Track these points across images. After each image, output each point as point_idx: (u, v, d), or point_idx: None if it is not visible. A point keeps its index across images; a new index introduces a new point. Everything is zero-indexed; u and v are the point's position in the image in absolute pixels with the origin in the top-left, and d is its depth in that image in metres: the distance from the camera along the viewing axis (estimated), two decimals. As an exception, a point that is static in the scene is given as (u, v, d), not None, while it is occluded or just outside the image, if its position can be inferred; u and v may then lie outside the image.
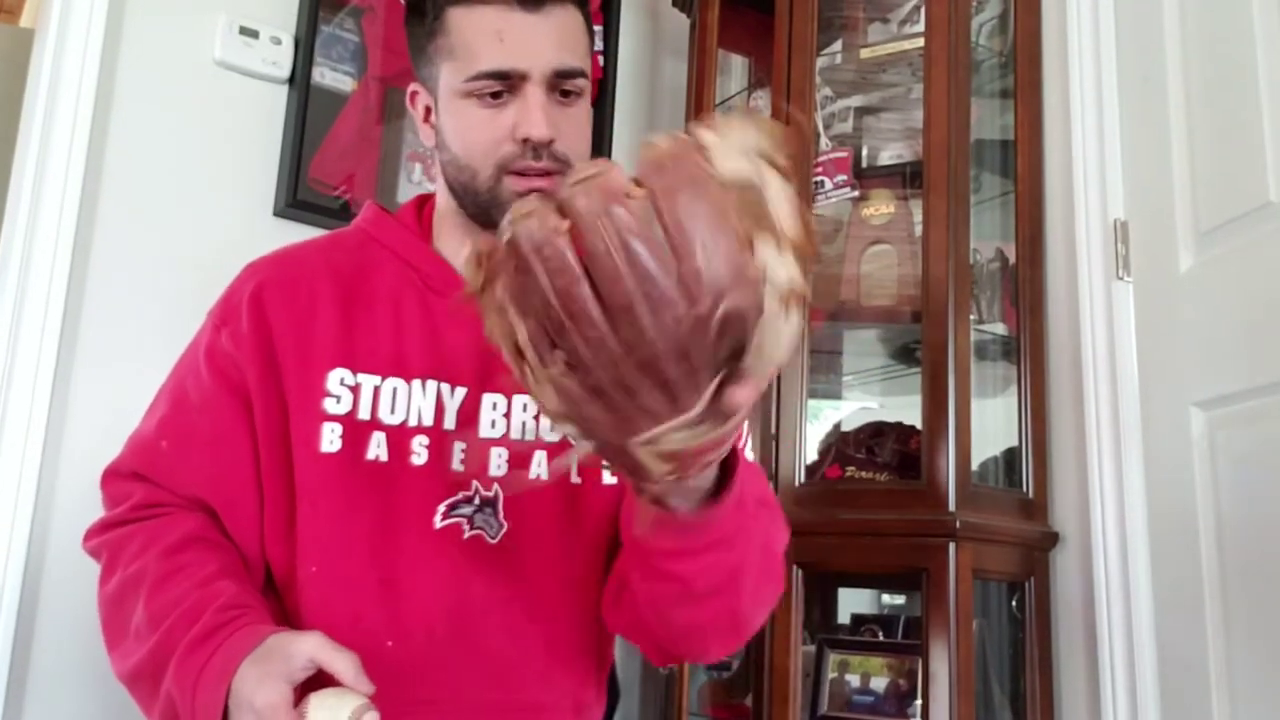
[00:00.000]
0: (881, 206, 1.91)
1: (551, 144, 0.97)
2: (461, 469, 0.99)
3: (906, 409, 1.87)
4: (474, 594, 0.97)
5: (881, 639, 1.83)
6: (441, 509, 0.98)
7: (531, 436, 1.01)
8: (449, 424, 0.99)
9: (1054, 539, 1.71)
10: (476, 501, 0.99)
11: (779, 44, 1.93)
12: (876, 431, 1.86)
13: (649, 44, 2.51)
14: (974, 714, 1.54)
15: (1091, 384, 1.66)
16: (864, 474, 1.79)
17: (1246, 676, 1.37)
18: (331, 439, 0.97)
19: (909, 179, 1.91)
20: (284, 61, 1.93)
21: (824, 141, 1.99)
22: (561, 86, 0.98)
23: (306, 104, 1.91)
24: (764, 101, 2.08)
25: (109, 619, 0.98)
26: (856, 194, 1.93)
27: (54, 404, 1.66)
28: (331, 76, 1.96)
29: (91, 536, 1.05)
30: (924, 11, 1.83)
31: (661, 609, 0.89)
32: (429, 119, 1.04)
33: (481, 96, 0.97)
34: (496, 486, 0.99)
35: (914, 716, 1.63)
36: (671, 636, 0.94)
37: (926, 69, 1.78)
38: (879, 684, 1.70)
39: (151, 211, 1.80)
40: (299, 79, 1.92)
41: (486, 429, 1.00)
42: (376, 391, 0.99)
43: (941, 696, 1.52)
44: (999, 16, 1.96)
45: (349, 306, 1.01)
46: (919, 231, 1.79)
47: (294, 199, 1.89)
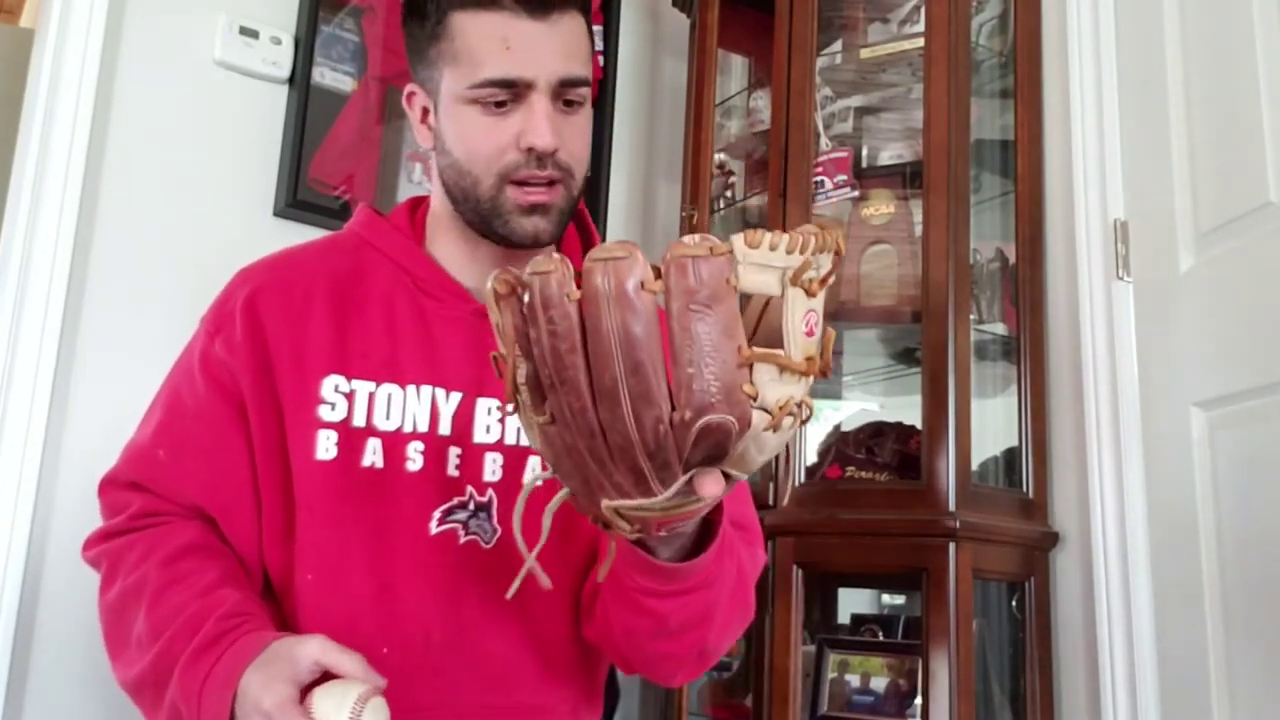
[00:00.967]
0: (881, 206, 1.91)
1: (555, 153, 0.96)
2: (457, 475, 0.99)
3: (906, 409, 1.87)
4: (469, 599, 0.97)
5: (881, 639, 1.83)
6: (437, 515, 0.97)
7: (526, 442, 1.01)
8: (444, 430, 0.99)
9: (1054, 539, 1.71)
10: (471, 507, 0.98)
11: (779, 44, 1.93)
12: (876, 431, 1.86)
13: (649, 44, 2.51)
14: (974, 714, 1.54)
15: (1091, 384, 1.66)
16: (864, 474, 1.79)
17: (1246, 676, 1.37)
18: (327, 446, 0.96)
19: (909, 179, 1.91)
20: (284, 61, 1.93)
21: (824, 141, 1.98)
22: (566, 95, 0.97)
23: (306, 104, 1.91)
24: (764, 101, 2.08)
25: (110, 628, 0.98)
26: (856, 194, 1.93)
27: (54, 404, 1.66)
28: (331, 76, 1.96)
29: (91, 546, 1.04)
30: (924, 11, 1.83)
31: (633, 638, 0.92)
32: (426, 120, 1.03)
33: (485, 104, 0.96)
34: (491, 492, 0.99)
35: (914, 716, 1.63)
36: (640, 660, 0.97)
37: (926, 69, 1.78)
38: (879, 684, 1.70)
39: (151, 211, 1.80)
40: (299, 79, 1.92)
41: (481, 434, 1.00)
42: (371, 398, 0.98)
43: (941, 696, 1.52)
44: (999, 16, 1.96)
45: (343, 312, 1.01)
46: (919, 231, 1.79)
47: (294, 199, 1.89)
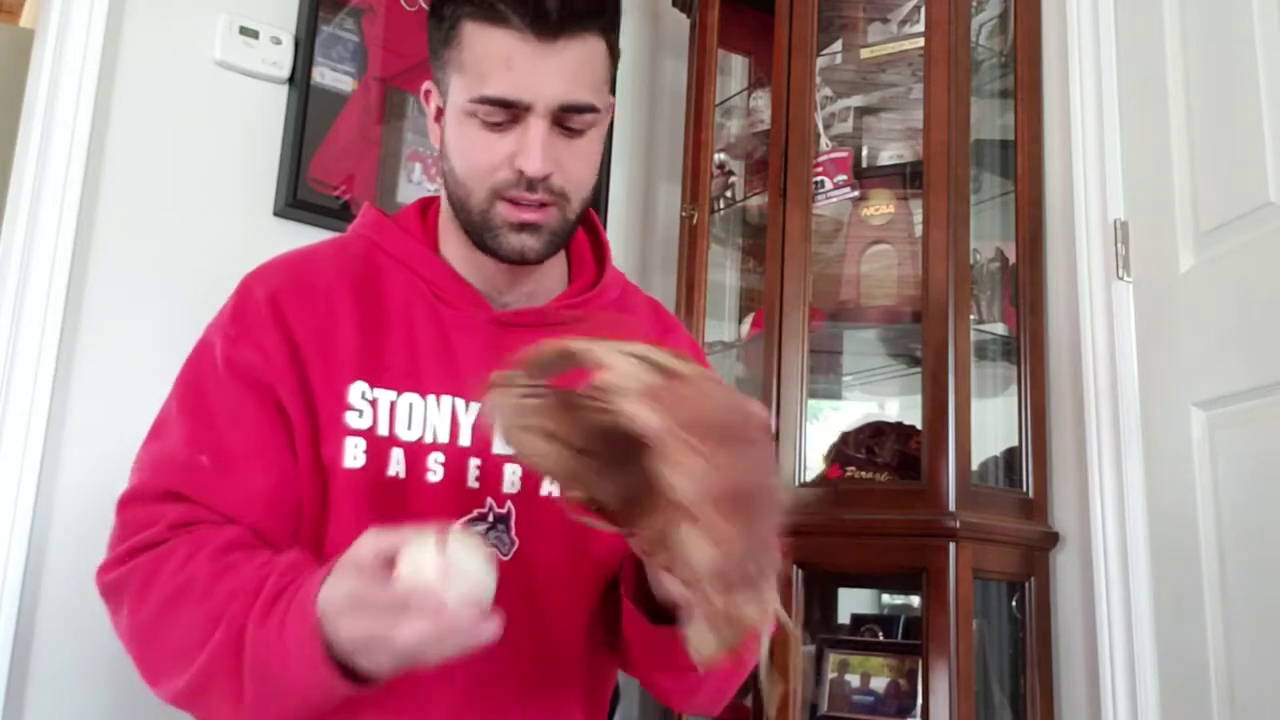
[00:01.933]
0: (881, 206, 1.91)
1: (548, 178, 0.95)
2: (477, 486, 0.98)
3: (906, 409, 1.87)
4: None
5: (881, 639, 1.83)
6: (457, 526, 0.97)
7: None
8: (464, 440, 0.98)
9: (1054, 539, 1.71)
10: (490, 519, 0.98)
11: (779, 44, 1.93)
12: (876, 431, 1.86)
13: (649, 44, 2.51)
14: (974, 714, 1.54)
15: (1091, 384, 1.66)
16: (864, 474, 1.79)
17: (1246, 676, 1.37)
18: (355, 454, 0.95)
19: (909, 179, 1.91)
20: (284, 61, 1.93)
21: (824, 141, 1.99)
22: (566, 122, 0.95)
23: (306, 104, 1.91)
24: (764, 101, 2.08)
25: (149, 644, 0.89)
26: (856, 194, 1.93)
27: (54, 405, 1.66)
28: (331, 76, 1.96)
29: (114, 567, 0.92)
30: (924, 11, 1.83)
31: (647, 671, 0.96)
32: (440, 120, 1.02)
33: (484, 119, 0.94)
34: (510, 503, 0.99)
35: (914, 716, 1.63)
36: (647, 683, 1.00)
37: (926, 69, 1.78)
38: (879, 684, 1.70)
39: (151, 211, 1.80)
40: (299, 79, 1.92)
41: (500, 445, 0.99)
42: (393, 407, 0.97)
43: (941, 696, 1.52)
44: (999, 16, 1.96)
45: (365, 319, 0.99)
46: (919, 231, 1.79)
47: (294, 199, 1.89)
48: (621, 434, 0.68)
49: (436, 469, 0.97)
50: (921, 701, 1.58)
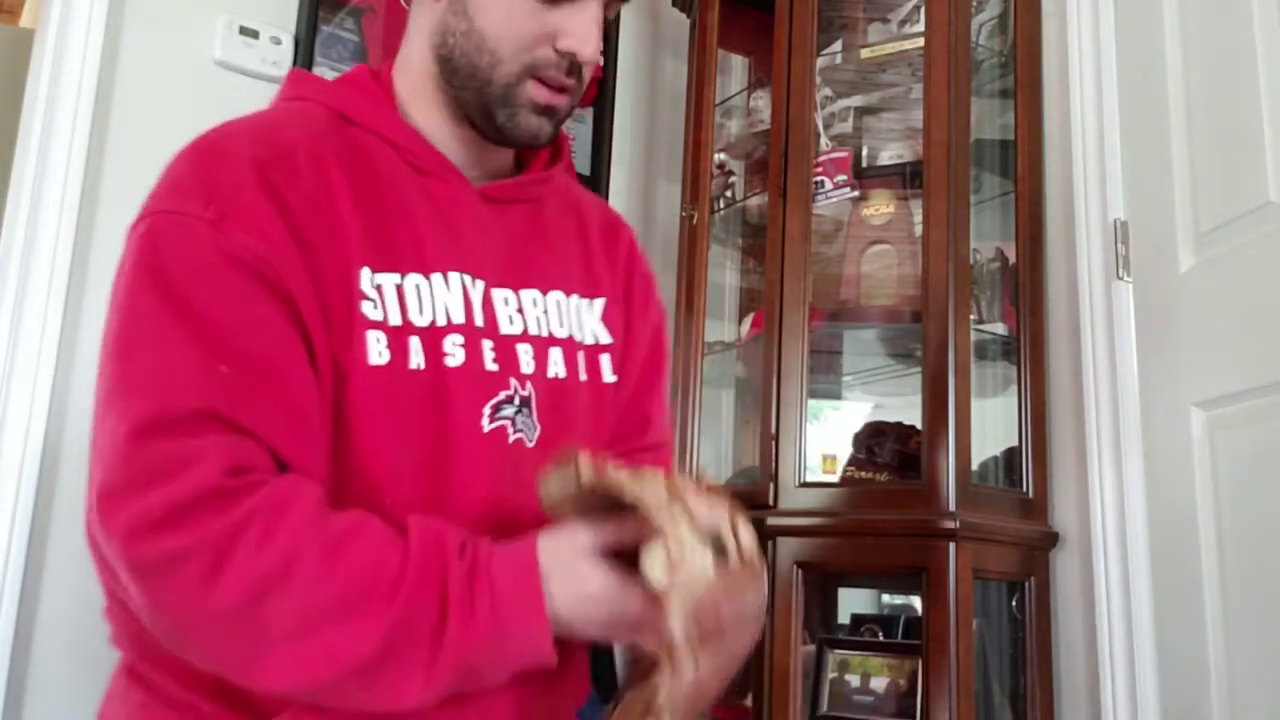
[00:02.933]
0: (881, 206, 1.91)
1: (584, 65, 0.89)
2: (496, 369, 0.89)
3: (906, 409, 1.87)
4: (516, 502, 0.87)
5: (881, 639, 1.82)
6: (486, 411, 0.87)
7: (547, 333, 0.94)
8: (479, 320, 0.89)
9: (1054, 539, 1.71)
10: (516, 402, 0.90)
11: (779, 44, 1.93)
12: (876, 431, 1.86)
13: (649, 44, 2.51)
14: (974, 714, 1.54)
15: (1091, 384, 1.66)
16: (864, 474, 1.79)
17: (1246, 676, 1.37)
18: (379, 350, 0.83)
19: (909, 179, 1.91)
20: (284, 61, 1.93)
21: (824, 141, 1.98)
22: (610, 6, 0.91)
23: (306, 104, 1.91)
24: (764, 101, 2.08)
25: (253, 621, 0.73)
26: (856, 194, 1.93)
27: (54, 404, 1.66)
28: (331, 76, 1.95)
29: (155, 533, 0.73)
30: (924, 11, 1.83)
31: None
32: None
33: None
34: (530, 385, 0.91)
35: (914, 716, 1.63)
36: None
37: (926, 69, 1.78)
38: (879, 684, 1.70)
39: (151, 211, 1.80)
40: (299, 79, 1.92)
41: (506, 325, 0.91)
42: (400, 290, 0.85)
43: (941, 696, 1.52)
44: (999, 16, 1.96)
45: (358, 192, 0.87)
46: (919, 231, 1.79)
47: (294, 199, 1.88)
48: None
49: (456, 352, 0.87)
50: (921, 701, 1.58)
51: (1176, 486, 1.51)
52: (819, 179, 1.91)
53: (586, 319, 1.00)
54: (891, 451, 1.80)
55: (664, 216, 2.44)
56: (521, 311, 0.93)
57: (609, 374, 0.99)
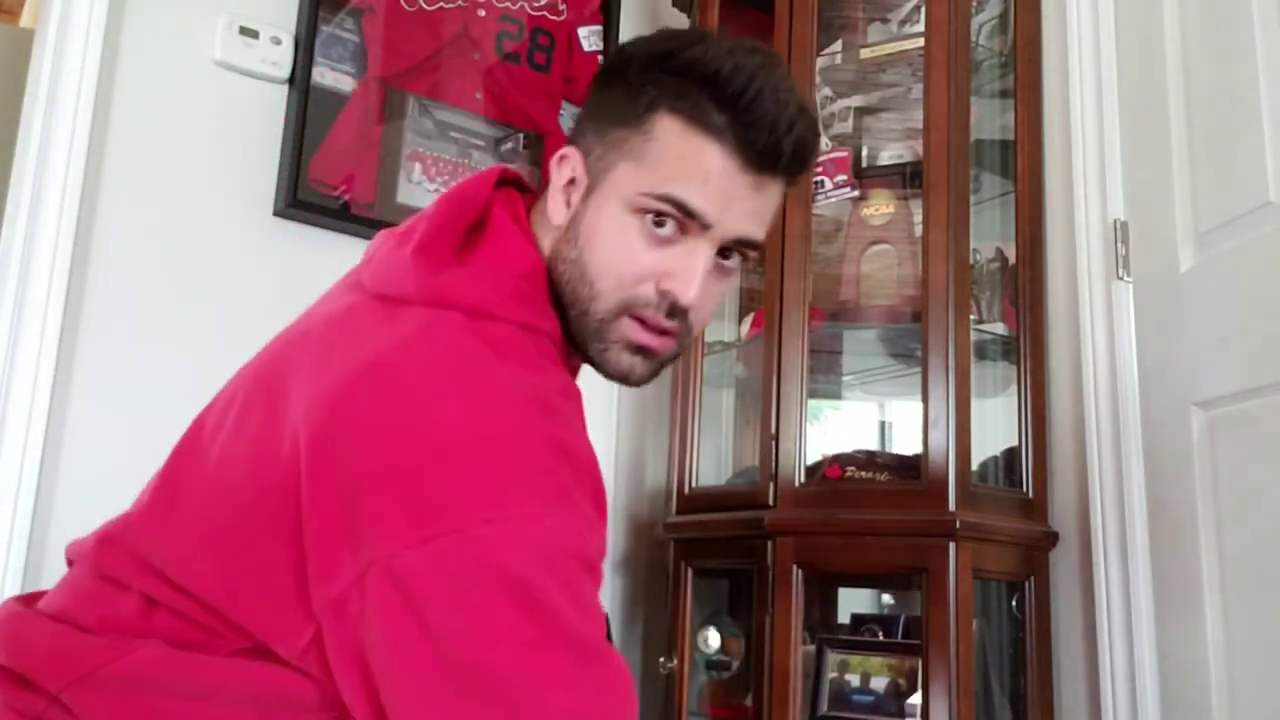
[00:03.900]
0: (881, 206, 1.91)
1: (689, 310, 0.86)
2: None
3: (906, 409, 1.87)
4: None
5: (881, 639, 1.82)
6: None
7: None
8: None
9: (1053, 539, 1.71)
10: None
11: (779, 44, 1.93)
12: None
13: (649, 44, 2.51)
14: (974, 714, 1.54)
15: (1091, 384, 1.66)
16: (864, 474, 1.79)
17: (1246, 676, 1.37)
18: None
19: (909, 179, 1.91)
20: (284, 61, 1.93)
21: (824, 141, 1.99)
22: (729, 256, 0.88)
23: (306, 104, 1.91)
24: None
25: None
26: (856, 194, 1.93)
27: (54, 404, 1.66)
28: (331, 76, 1.96)
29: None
30: (924, 11, 1.83)
31: None
32: (569, 192, 0.90)
33: (649, 220, 0.85)
34: None
35: (914, 716, 1.63)
36: None
37: (926, 69, 1.78)
38: (879, 684, 1.70)
39: (151, 211, 1.80)
40: (299, 79, 1.92)
41: None
42: None
43: (941, 696, 1.52)
44: (999, 16, 1.96)
45: None
46: (919, 231, 1.79)
47: (294, 199, 1.88)
48: None
49: None
50: (921, 701, 1.58)
51: (1176, 486, 1.51)
52: (819, 179, 1.91)
53: None
54: (891, 452, 1.80)
55: (664, 216, 2.43)
56: None
57: None
